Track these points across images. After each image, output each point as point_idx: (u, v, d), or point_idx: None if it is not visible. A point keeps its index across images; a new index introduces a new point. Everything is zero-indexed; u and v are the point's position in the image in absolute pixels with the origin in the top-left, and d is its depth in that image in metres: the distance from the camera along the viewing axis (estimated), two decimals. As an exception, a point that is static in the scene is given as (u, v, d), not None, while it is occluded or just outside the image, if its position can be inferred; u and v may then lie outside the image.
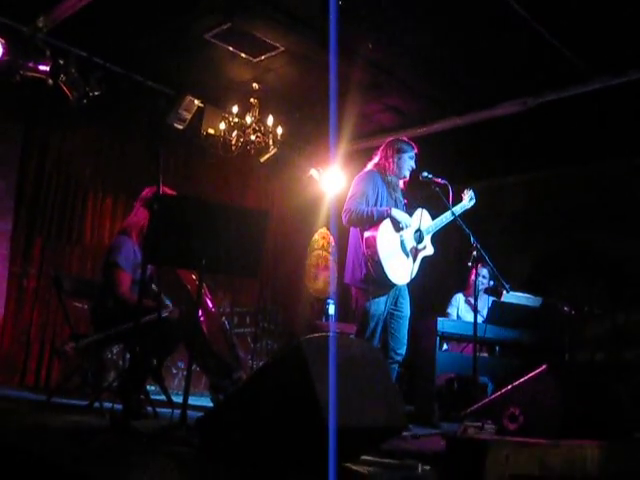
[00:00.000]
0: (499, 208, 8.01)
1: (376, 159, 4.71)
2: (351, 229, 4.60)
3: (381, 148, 4.73)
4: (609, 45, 5.33)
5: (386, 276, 4.33)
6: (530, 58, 5.66)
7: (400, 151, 4.64)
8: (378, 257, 4.32)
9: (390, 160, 4.63)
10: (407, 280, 4.50)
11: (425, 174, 4.59)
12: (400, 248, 4.48)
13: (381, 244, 4.36)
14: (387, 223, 4.43)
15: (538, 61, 5.68)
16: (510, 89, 6.28)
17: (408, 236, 4.53)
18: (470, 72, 6.05)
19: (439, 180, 4.56)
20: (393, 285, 4.43)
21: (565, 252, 7.41)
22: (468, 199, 4.96)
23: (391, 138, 4.80)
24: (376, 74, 6.19)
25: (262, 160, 7.18)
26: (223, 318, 5.96)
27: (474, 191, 4.97)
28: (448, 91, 6.50)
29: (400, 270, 4.43)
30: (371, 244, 4.37)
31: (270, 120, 6.76)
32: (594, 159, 7.27)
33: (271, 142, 6.80)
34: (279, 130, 6.85)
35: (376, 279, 4.35)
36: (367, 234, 4.42)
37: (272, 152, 7.00)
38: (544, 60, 5.64)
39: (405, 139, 4.75)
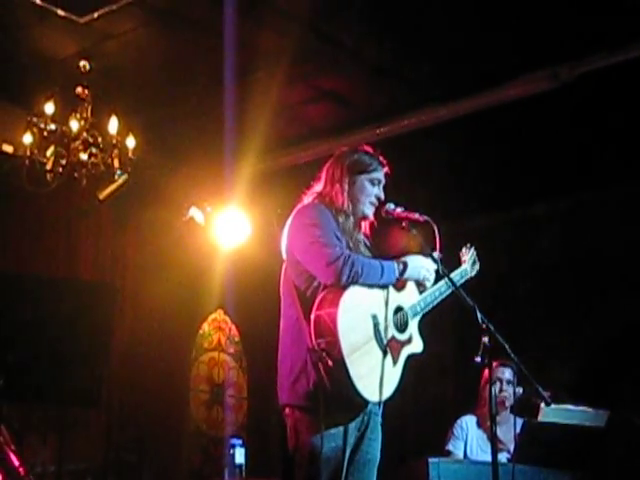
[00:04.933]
0: (524, 262, 8.11)
1: (318, 186, 4.67)
2: (283, 309, 4.48)
3: (325, 167, 4.70)
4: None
5: (354, 388, 4.19)
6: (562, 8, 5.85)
7: (354, 170, 4.62)
8: (340, 353, 4.16)
9: (338, 187, 4.61)
10: (388, 394, 4.37)
11: (391, 206, 4.59)
12: (374, 339, 4.40)
13: (346, 330, 4.21)
14: (356, 293, 4.31)
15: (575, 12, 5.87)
16: (532, 56, 6.45)
17: (385, 319, 4.47)
18: (463, 31, 6.18)
19: (415, 216, 4.55)
20: (364, 405, 4.33)
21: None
22: (470, 262, 4.99)
23: (344, 148, 4.76)
24: (304, 37, 6.25)
25: (102, 196, 7.15)
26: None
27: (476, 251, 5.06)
28: (427, 63, 6.61)
29: (373, 378, 4.32)
30: (327, 330, 4.19)
31: (114, 125, 6.73)
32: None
33: (117, 164, 6.77)
34: (130, 142, 6.83)
35: (335, 394, 4.17)
36: (319, 312, 4.29)
37: (120, 181, 6.96)
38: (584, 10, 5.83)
39: (366, 149, 4.74)
